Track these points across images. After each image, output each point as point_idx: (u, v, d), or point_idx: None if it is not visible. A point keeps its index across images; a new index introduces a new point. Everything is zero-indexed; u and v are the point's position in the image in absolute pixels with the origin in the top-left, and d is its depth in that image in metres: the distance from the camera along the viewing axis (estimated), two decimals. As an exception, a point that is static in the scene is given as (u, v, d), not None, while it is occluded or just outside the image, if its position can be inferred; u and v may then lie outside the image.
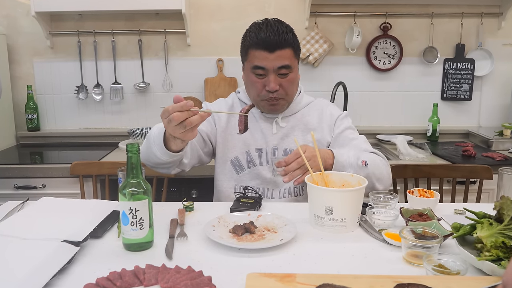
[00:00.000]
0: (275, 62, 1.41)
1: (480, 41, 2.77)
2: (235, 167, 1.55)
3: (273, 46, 1.40)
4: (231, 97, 1.65)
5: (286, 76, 1.45)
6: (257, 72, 1.44)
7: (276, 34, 1.40)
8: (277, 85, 1.44)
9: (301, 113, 1.58)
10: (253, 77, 1.46)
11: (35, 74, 2.76)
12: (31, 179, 2.15)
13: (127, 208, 0.99)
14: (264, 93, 1.46)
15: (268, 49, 1.40)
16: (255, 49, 1.42)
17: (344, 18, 2.72)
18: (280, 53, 1.41)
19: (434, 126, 2.73)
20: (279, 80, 1.44)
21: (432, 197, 1.31)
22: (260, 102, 1.50)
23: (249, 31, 1.46)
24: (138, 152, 1.01)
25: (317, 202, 1.14)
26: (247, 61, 1.48)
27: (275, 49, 1.40)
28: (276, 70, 1.42)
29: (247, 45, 1.46)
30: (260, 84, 1.45)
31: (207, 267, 0.93)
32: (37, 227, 1.09)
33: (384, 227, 1.15)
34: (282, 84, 1.45)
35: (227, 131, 1.56)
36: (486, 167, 1.92)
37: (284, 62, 1.42)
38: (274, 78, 1.43)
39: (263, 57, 1.41)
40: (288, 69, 1.43)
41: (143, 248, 1.03)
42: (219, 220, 1.17)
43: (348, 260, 0.99)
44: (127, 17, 2.71)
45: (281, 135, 1.55)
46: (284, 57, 1.42)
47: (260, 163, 1.54)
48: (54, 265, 0.89)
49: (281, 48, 1.40)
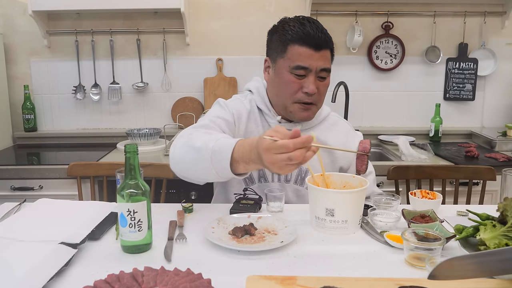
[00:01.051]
0: (319, 63, 1.31)
1: (483, 41, 2.77)
2: (245, 179, 1.45)
3: (320, 44, 1.29)
4: (247, 99, 1.49)
5: (324, 80, 1.35)
6: (298, 73, 1.31)
7: (321, 31, 1.30)
8: (316, 88, 1.32)
9: (320, 130, 1.48)
10: (291, 77, 1.33)
11: (32, 74, 2.76)
12: (28, 180, 2.15)
13: (126, 209, 0.99)
14: (300, 95, 1.33)
15: (314, 46, 1.29)
16: (299, 45, 1.30)
17: (345, 17, 2.73)
18: (324, 53, 1.31)
19: (436, 127, 2.73)
20: (317, 83, 1.33)
21: (435, 198, 1.31)
22: (291, 105, 1.36)
23: (287, 24, 1.33)
24: (136, 153, 1.01)
25: (318, 204, 1.14)
26: (285, 58, 1.33)
27: (321, 47, 1.30)
28: (318, 72, 1.32)
29: (287, 40, 1.32)
30: (298, 85, 1.33)
31: (206, 270, 0.92)
32: (34, 229, 1.09)
33: (386, 229, 1.15)
34: (319, 88, 1.34)
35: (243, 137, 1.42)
36: (489, 168, 1.92)
37: (326, 64, 1.33)
38: (314, 80, 1.32)
39: (307, 56, 1.29)
40: (328, 72, 1.34)
41: (142, 250, 1.03)
42: (218, 221, 1.17)
43: (350, 263, 0.99)
44: (125, 16, 2.71)
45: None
46: (327, 59, 1.33)
47: (272, 179, 1.45)
48: (51, 268, 0.89)
49: (326, 47, 1.31)
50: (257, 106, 1.47)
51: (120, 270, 0.88)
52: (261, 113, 1.47)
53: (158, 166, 1.93)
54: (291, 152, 0.92)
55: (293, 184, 1.46)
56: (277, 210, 1.30)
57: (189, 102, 2.79)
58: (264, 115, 1.47)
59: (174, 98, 2.79)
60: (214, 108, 1.46)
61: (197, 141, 1.15)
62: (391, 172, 1.95)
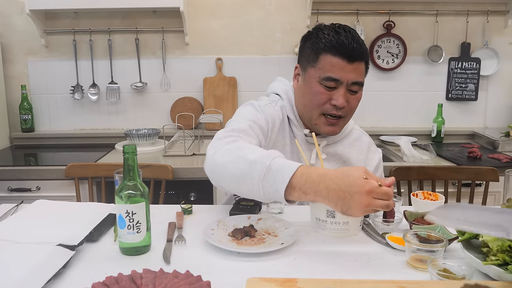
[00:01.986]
0: (351, 75, 1.26)
1: (486, 40, 2.77)
2: None
3: (354, 55, 1.25)
4: (278, 105, 1.41)
5: (355, 94, 1.30)
6: (328, 84, 1.27)
7: (357, 42, 1.25)
8: (345, 101, 1.28)
9: (343, 146, 1.45)
10: (320, 88, 1.28)
11: (30, 74, 2.76)
12: (25, 181, 2.15)
13: (124, 211, 0.99)
14: (328, 107, 1.29)
15: (347, 57, 1.24)
16: (333, 55, 1.25)
17: (346, 16, 2.73)
18: (358, 66, 1.27)
19: (438, 127, 2.73)
20: (348, 96, 1.29)
21: (437, 199, 1.31)
22: (318, 117, 1.32)
23: (322, 32, 1.29)
24: (135, 153, 1.01)
25: (319, 205, 1.14)
26: (316, 68, 1.29)
27: (355, 59, 1.25)
28: (349, 85, 1.28)
29: (320, 49, 1.27)
30: (326, 96, 1.28)
31: (206, 272, 0.93)
32: (32, 231, 1.09)
33: (387, 230, 1.14)
34: (349, 101, 1.30)
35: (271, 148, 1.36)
36: (492, 169, 1.92)
37: (359, 78, 1.28)
38: (344, 93, 1.28)
39: (340, 67, 1.25)
40: (360, 86, 1.30)
41: (140, 252, 1.03)
42: (218, 223, 1.17)
43: (351, 265, 0.99)
44: (123, 15, 2.71)
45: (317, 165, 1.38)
46: (360, 72, 1.29)
47: None
48: (49, 270, 0.89)
49: (360, 60, 1.27)
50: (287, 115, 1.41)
51: (118, 272, 0.88)
52: (289, 123, 1.42)
53: (157, 167, 1.93)
54: (390, 201, 0.96)
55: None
56: (277, 211, 1.30)
57: (188, 102, 2.79)
58: (291, 125, 1.42)
59: (173, 98, 2.79)
60: (249, 111, 1.36)
61: (250, 152, 1.07)
62: (392, 173, 1.95)
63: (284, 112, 1.41)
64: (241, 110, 1.39)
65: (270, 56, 2.76)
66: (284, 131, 1.41)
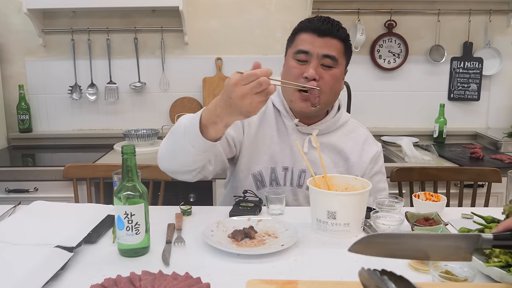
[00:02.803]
0: (322, 49, 1.32)
1: (488, 39, 2.77)
2: (257, 182, 1.45)
3: (323, 30, 1.32)
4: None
5: (330, 70, 1.34)
6: (299, 58, 1.34)
7: (329, 22, 1.34)
8: (317, 75, 1.31)
9: (337, 136, 1.48)
10: (293, 63, 1.35)
11: (27, 74, 2.77)
12: (23, 182, 2.15)
13: (123, 212, 0.99)
14: (301, 81, 1.33)
15: (317, 32, 1.32)
16: (304, 32, 1.35)
17: (347, 16, 2.73)
18: (329, 41, 1.32)
19: (440, 127, 2.73)
20: (320, 71, 1.33)
21: (439, 201, 1.31)
22: (293, 93, 1.37)
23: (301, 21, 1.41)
24: (134, 154, 1.01)
25: (320, 206, 1.14)
26: (291, 46, 1.39)
27: (325, 34, 1.32)
28: (320, 59, 1.32)
29: (296, 30, 1.39)
30: (299, 70, 1.34)
31: (205, 274, 0.93)
32: (29, 232, 1.09)
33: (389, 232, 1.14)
34: (323, 76, 1.33)
35: (256, 141, 1.44)
36: (494, 169, 1.92)
37: (331, 52, 1.32)
38: (315, 66, 1.32)
39: (309, 41, 1.33)
40: (334, 61, 1.33)
41: (139, 254, 1.03)
42: (218, 224, 1.17)
43: (352, 267, 0.99)
44: (122, 14, 2.71)
45: (311, 158, 1.42)
46: (332, 46, 1.33)
47: (284, 183, 1.45)
48: (47, 272, 0.89)
49: (331, 35, 1.33)
50: (274, 105, 1.48)
51: (117, 274, 0.88)
52: (279, 114, 1.47)
53: (156, 168, 1.91)
54: (260, 78, 1.02)
55: (305, 190, 1.45)
56: (278, 212, 1.30)
57: (188, 102, 2.79)
58: (281, 116, 1.47)
59: (172, 98, 2.79)
60: None
61: (175, 127, 1.22)
62: (394, 174, 1.95)
63: (270, 103, 1.47)
64: None
65: (271, 56, 2.76)
66: (270, 122, 1.46)
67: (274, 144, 1.45)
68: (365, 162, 1.47)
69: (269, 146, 1.45)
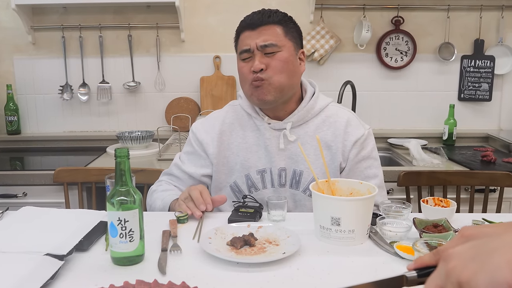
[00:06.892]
0: (258, 40, 1.40)
1: (500, 37, 2.78)
2: (235, 193, 1.51)
3: (254, 23, 1.41)
4: (225, 110, 1.59)
5: (274, 55, 1.40)
6: (244, 57, 1.43)
7: (260, 14, 1.43)
8: (263, 64, 1.39)
9: (315, 125, 1.48)
10: (241, 64, 1.45)
11: (16, 72, 2.77)
12: (11, 187, 2.15)
13: (116, 218, 1.00)
14: (250, 76, 1.40)
15: (250, 27, 1.42)
16: (241, 32, 1.45)
17: (352, 12, 2.74)
18: (263, 30, 1.41)
19: (450, 129, 2.73)
20: (266, 60, 1.40)
21: (448, 206, 1.31)
22: (248, 90, 1.44)
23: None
24: (127, 157, 1.02)
25: (323, 212, 1.15)
26: (237, 51, 1.49)
27: (257, 26, 1.41)
28: (261, 49, 1.40)
29: (236, 34, 1.50)
30: (247, 68, 1.42)
31: (203, 283, 0.93)
32: (18, 240, 1.10)
33: (396, 239, 1.15)
34: (270, 64, 1.40)
35: (220, 155, 1.51)
36: (507, 173, 1.92)
37: (268, 40, 1.39)
38: (259, 57, 1.39)
39: (246, 38, 1.42)
40: (274, 47, 1.40)
41: (133, 262, 1.03)
42: (216, 231, 1.17)
43: (357, 275, 0.99)
44: (115, 10, 2.72)
45: (290, 154, 1.46)
46: (268, 34, 1.40)
47: (263, 186, 1.49)
48: (37, 281, 0.90)
49: (263, 24, 1.41)
50: (244, 109, 1.53)
51: (110, 284, 0.89)
52: (250, 118, 1.52)
53: (151, 172, 1.93)
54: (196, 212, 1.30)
55: (289, 188, 1.48)
56: (279, 219, 1.30)
57: (184, 102, 2.80)
58: (253, 119, 1.51)
59: (168, 98, 2.80)
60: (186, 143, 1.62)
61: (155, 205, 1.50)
62: (401, 178, 1.95)
63: (239, 110, 1.54)
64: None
65: (271, 54, 2.77)
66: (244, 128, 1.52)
67: (243, 151, 1.50)
68: (347, 146, 1.47)
69: (237, 154, 1.50)
